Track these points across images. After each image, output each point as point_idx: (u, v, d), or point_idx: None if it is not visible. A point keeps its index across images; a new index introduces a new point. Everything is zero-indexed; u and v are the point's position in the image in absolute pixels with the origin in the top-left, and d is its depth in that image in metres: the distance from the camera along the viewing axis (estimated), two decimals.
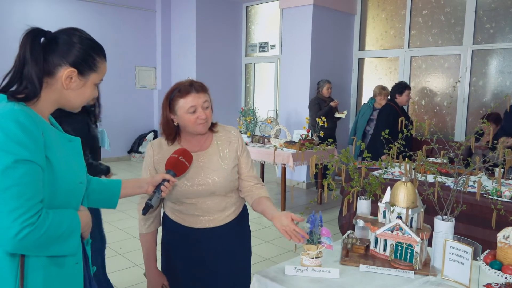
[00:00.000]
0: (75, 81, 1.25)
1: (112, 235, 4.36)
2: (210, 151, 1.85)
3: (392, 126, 4.34)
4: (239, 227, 1.94)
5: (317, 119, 5.47)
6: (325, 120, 5.35)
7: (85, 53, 1.25)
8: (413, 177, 1.86)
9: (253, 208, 1.88)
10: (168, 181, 1.57)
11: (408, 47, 6.61)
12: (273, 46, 8.44)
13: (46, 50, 1.21)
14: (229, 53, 8.79)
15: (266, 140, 5.64)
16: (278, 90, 8.32)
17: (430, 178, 2.59)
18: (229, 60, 8.80)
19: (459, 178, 1.72)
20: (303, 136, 5.30)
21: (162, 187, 1.56)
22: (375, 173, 2.36)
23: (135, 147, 8.72)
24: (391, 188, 1.85)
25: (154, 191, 1.56)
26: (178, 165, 1.63)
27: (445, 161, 2.01)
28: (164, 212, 1.94)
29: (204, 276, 1.86)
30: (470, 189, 2.86)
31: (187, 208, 1.82)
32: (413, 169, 1.77)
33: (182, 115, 1.76)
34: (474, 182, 3.04)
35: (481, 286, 1.51)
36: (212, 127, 1.88)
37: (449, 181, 3.03)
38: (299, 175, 6.78)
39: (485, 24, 5.84)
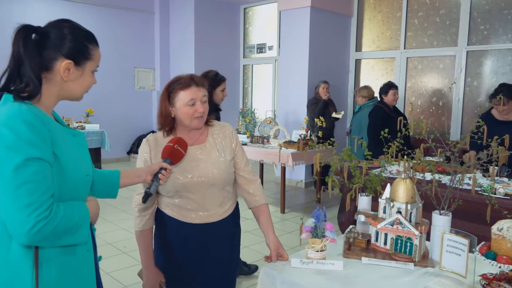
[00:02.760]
0: (73, 72, 1.29)
1: (115, 234, 4.43)
2: (207, 145, 1.89)
3: (381, 127, 4.43)
4: (234, 222, 2.01)
5: (315, 119, 5.56)
6: (323, 120, 5.44)
7: (78, 43, 1.28)
8: (411, 175, 1.95)
9: (250, 209, 1.98)
10: (166, 169, 1.62)
11: (404, 48, 6.71)
12: (270, 48, 8.53)
13: (39, 45, 1.24)
14: (227, 55, 8.87)
15: (265, 140, 5.73)
16: (276, 91, 8.41)
17: (428, 176, 2.68)
18: (227, 61, 8.88)
19: (455, 175, 1.81)
20: (302, 136, 5.38)
21: (160, 175, 1.61)
22: (373, 171, 2.45)
23: (134, 148, 8.78)
24: (390, 185, 1.94)
25: (152, 179, 1.61)
26: (174, 153, 1.68)
27: (441, 159, 2.10)
28: (158, 209, 1.94)
29: (201, 270, 1.89)
30: (465, 186, 2.96)
31: (186, 202, 1.84)
32: (411, 167, 1.86)
33: (180, 107, 1.80)
34: (469, 178, 3.14)
35: (477, 276, 1.60)
36: (207, 121, 1.94)
37: (446, 179, 3.13)
38: (297, 174, 6.87)
39: (480, 26, 5.96)
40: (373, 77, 7.20)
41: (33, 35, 1.24)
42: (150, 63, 8.97)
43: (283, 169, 5.32)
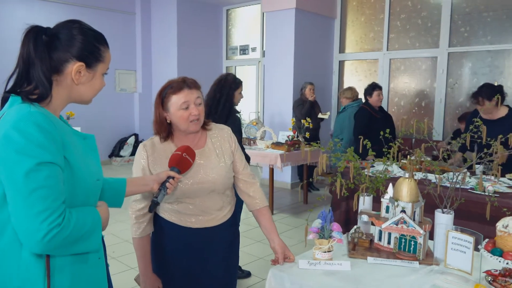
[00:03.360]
0: (84, 74, 1.24)
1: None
2: (206, 149, 1.86)
3: (366, 128, 4.52)
4: (233, 226, 2.00)
5: (302, 120, 5.59)
6: (310, 121, 5.47)
7: (89, 45, 1.24)
8: (410, 175, 1.97)
9: (251, 212, 1.97)
10: (173, 178, 1.58)
11: (387, 50, 6.82)
12: (254, 49, 8.54)
13: (49, 47, 1.20)
14: (210, 56, 8.83)
15: (252, 142, 5.71)
16: (259, 93, 8.41)
17: (419, 175, 2.72)
18: (210, 63, 8.83)
19: (458, 173, 1.84)
20: (290, 137, 5.40)
21: (167, 184, 1.57)
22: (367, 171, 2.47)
23: (116, 151, 8.63)
24: (393, 185, 1.95)
25: (160, 188, 1.57)
26: (182, 162, 1.64)
27: (428, 158, 2.14)
28: (156, 214, 1.89)
29: (200, 275, 1.87)
30: (462, 186, 3.02)
31: (186, 208, 1.81)
32: (414, 165, 1.88)
33: (174, 112, 1.77)
34: (470, 177, 3.20)
35: (481, 273, 1.62)
36: (205, 125, 1.89)
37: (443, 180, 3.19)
38: (283, 176, 6.88)
39: (460, 28, 6.10)
40: (356, 78, 7.28)
41: (43, 37, 1.19)
42: (131, 65, 8.84)
43: (271, 170, 5.32)
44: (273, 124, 6.87)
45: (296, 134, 5.49)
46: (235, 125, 3.26)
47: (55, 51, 1.20)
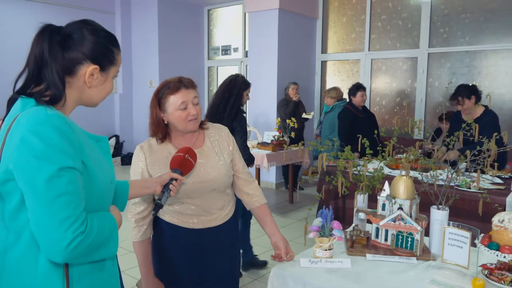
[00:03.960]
0: (97, 78, 1.21)
1: None
2: (205, 149, 1.85)
3: (350, 128, 4.60)
4: (234, 225, 1.99)
5: (287, 120, 5.62)
6: (295, 121, 5.50)
7: (103, 46, 1.21)
8: (406, 172, 2.01)
9: (250, 210, 1.97)
10: (176, 180, 1.57)
11: (369, 50, 6.92)
12: (235, 49, 8.53)
13: (62, 47, 1.15)
14: (191, 56, 8.78)
15: None
16: None
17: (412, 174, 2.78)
18: (192, 63, 8.78)
19: (452, 171, 1.89)
20: (276, 137, 5.42)
21: (170, 186, 1.55)
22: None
23: None
24: (388, 183, 1.99)
25: (163, 190, 1.55)
26: (184, 164, 1.62)
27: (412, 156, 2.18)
28: (157, 217, 1.87)
29: (204, 276, 1.85)
30: (455, 183, 3.09)
31: (187, 209, 1.80)
32: (409, 162, 1.92)
33: (172, 112, 1.75)
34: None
35: (478, 267, 1.67)
36: (202, 124, 1.89)
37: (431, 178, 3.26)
38: (268, 176, 6.90)
39: (439, 29, 6.25)
40: (339, 78, 7.37)
41: (57, 36, 1.15)
42: None
43: (258, 170, 5.33)
44: (257, 124, 6.88)
45: (281, 134, 5.52)
46: (241, 124, 3.41)
47: (68, 51, 1.16)
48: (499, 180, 3.38)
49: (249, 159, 3.50)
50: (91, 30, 1.20)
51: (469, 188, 3.14)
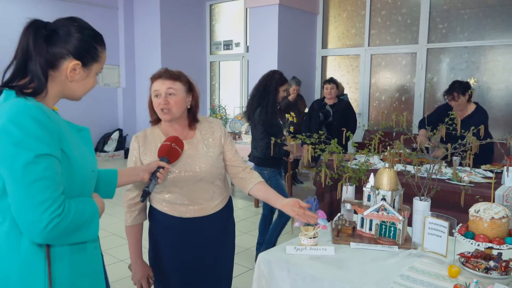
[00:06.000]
0: (79, 73, 1.26)
1: None
2: (194, 141, 1.92)
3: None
4: (226, 217, 2.05)
5: (286, 115, 5.67)
6: (294, 115, 5.56)
7: (87, 44, 1.25)
8: (390, 165, 2.08)
9: (249, 194, 2.00)
10: (163, 167, 1.65)
11: (368, 46, 6.96)
12: (237, 44, 8.59)
13: (48, 42, 1.20)
14: (194, 51, 8.85)
15: (237, 136, 5.79)
16: (243, 87, 8.48)
17: (399, 167, 2.85)
18: (194, 58, 8.86)
19: (433, 164, 1.96)
20: None
21: (158, 173, 1.63)
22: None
23: (100, 146, 8.60)
24: (374, 174, 2.07)
25: (150, 178, 1.63)
26: (171, 152, 1.70)
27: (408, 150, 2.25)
28: (150, 205, 1.97)
29: (192, 265, 1.93)
30: (440, 177, 3.16)
31: (176, 198, 1.87)
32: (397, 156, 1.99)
33: (152, 98, 1.88)
34: (446, 167, 3.35)
35: (455, 255, 1.75)
36: (194, 118, 1.96)
37: (423, 169, 3.33)
38: None
39: (438, 25, 6.28)
40: (339, 73, 7.41)
41: (43, 31, 1.21)
42: (114, 59, 8.79)
43: None
44: None
45: None
46: (268, 119, 3.51)
47: (53, 46, 1.22)
48: (490, 174, 3.44)
49: (280, 154, 3.61)
50: (76, 27, 1.25)
51: (460, 181, 3.20)
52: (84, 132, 1.37)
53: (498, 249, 1.61)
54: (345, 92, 6.65)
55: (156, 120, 1.95)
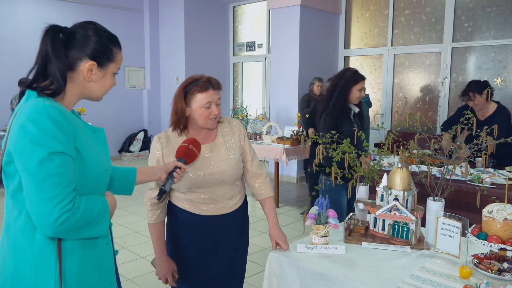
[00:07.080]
0: (95, 73, 1.32)
1: (115, 231, 4.49)
2: (217, 143, 1.98)
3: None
4: (243, 214, 2.11)
5: (307, 115, 5.68)
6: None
7: (102, 45, 1.32)
8: (402, 164, 2.07)
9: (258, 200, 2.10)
10: (180, 168, 1.70)
11: (392, 45, 6.88)
12: (260, 45, 8.63)
13: (65, 45, 1.28)
14: (217, 53, 8.95)
15: (258, 136, 5.83)
16: (266, 88, 8.52)
17: (415, 168, 2.82)
18: (217, 59, 8.96)
19: (447, 164, 1.94)
20: (295, 132, 5.50)
21: (174, 173, 1.68)
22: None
23: (125, 146, 8.80)
24: (387, 175, 2.06)
25: (167, 177, 1.68)
26: (189, 153, 1.75)
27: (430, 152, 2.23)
28: (169, 202, 2.04)
29: (212, 258, 1.99)
30: (454, 177, 3.11)
31: (198, 197, 1.94)
32: (408, 156, 1.98)
33: (196, 108, 1.88)
34: (461, 167, 3.29)
35: (469, 256, 1.73)
36: (218, 121, 2.00)
37: (435, 170, 3.29)
38: (289, 170, 6.99)
39: (464, 23, 6.15)
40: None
41: (60, 35, 1.29)
42: (140, 61, 8.99)
43: (277, 164, 5.43)
44: (279, 119, 6.98)
45: (301, 128, 5.59)
46: (330, 121, 3.01)
47: (70, 49, 1.29)
48: None
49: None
50: (92, 30, 1.33)
51: (481, 182, 3.14)
52: (99, 133, 1.44)
53: (511, 250, 1.59)
54: (366, 92, 6.58)
55: (184, 128, 1.96)
